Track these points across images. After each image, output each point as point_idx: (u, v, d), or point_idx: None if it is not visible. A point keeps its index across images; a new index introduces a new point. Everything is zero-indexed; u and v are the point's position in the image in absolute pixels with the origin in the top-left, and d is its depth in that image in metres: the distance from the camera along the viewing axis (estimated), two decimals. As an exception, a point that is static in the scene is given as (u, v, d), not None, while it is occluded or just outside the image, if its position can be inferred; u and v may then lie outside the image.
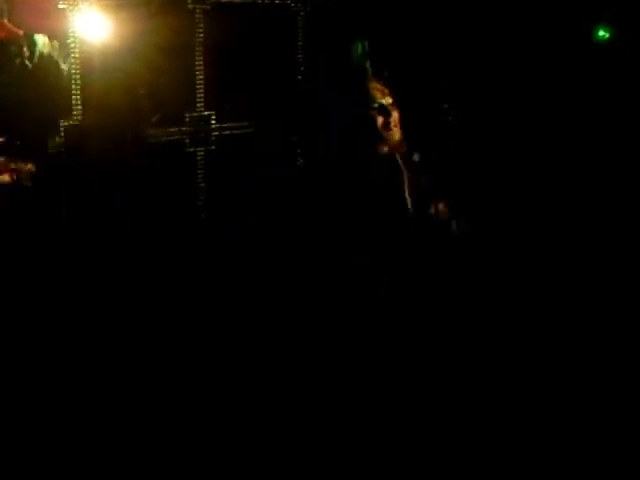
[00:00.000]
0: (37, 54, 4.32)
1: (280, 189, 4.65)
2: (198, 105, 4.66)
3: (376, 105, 4.32)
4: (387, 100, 4.29)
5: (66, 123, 4.26)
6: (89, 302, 4.05)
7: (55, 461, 3.28)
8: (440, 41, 4.55)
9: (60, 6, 4.23)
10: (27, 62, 4.40)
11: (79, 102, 4.29)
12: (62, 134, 4.30)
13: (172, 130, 4.61)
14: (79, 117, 4.29)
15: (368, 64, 4.55)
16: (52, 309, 3.97)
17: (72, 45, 4.28)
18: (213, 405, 3.58)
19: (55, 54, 4.36)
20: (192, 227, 4.56)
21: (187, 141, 4.65)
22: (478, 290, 4.20)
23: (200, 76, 4.61)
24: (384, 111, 4.29)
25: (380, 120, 4.34)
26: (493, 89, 4.63)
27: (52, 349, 3.81)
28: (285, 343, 3.86)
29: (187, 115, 4.64)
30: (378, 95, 4.32)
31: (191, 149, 4.67)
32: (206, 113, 4.68)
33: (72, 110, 4.29)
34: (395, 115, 4.30)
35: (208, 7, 4.54)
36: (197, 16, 4.53)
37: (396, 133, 4.34)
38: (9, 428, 3.41)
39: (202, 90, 4.63)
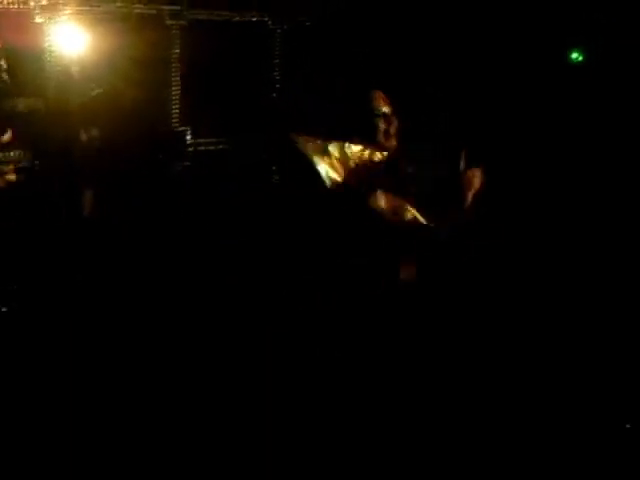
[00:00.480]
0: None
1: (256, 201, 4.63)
2: (174, 120, 4.64)
3: (379, 113, 4.30)
4: (387, 109, 4.27)
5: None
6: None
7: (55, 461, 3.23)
8: (425, 56, 4.60)
9: (37, 20, 4.25)
10: (3, 75, 4.40)
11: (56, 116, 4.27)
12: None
13: (147, 145, 4.59)
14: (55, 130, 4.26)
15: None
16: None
17: (48, 59, 4.28)
18: (211, 411, 3.53)
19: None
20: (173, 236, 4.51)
21: (161, 156, 4.63)
22: (477, 291, 4.18)
23: (176, 91, 4.62)
24: (386, 119, 4.26)
25: (382, 127, 4.30)
26: (481, 103, 4.67)
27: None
28: (282, 348, 3.82)
29: (162, 130, 4.62)
30: (380, 104, 4.30)
31: (166, 164, 4.65)
32: (181, 129, 4.66)
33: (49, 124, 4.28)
34: (395, 124, 4.28)
35: (185, 24, 4.56)
36: (174, 32, 4.55)
37: (393, 141, 4.31)
38: (9, 428, 3.35)
39: (177, 105, 4.62)
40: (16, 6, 4.21)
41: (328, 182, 4.13)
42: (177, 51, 4.59)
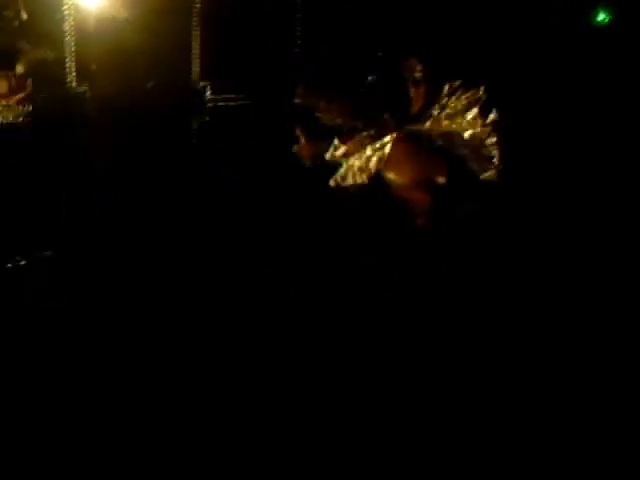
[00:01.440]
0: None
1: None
2: (193, 75, 4.58)
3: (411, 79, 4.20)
4: (419, 75, 4.17)
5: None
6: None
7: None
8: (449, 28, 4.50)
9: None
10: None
11: (73, 69, 4.21)
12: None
13: (167, 100, 4.54)
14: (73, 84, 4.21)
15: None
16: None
17: (66, 9, 4.19)
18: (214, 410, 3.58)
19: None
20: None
21: (180, 112, 4.59)
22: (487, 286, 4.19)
23: (196, 46, 4.55)
24: (416, 85, 4.16)
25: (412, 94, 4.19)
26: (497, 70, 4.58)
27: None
28: (288, 347, 3.82)
29: (181, 85, 4.57)
30: (415, 70, 4.19)
31: (185, 119, 4.61)
32: (201, 84, 4.61)
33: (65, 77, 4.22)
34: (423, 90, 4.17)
35: (207, -24, 4.46)
36: (195, -16, 4.46)
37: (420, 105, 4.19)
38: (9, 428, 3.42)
39: (198, 60, 4.56)
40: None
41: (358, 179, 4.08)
42: (198, 4, 4.49)
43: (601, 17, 4.92)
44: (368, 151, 4.10)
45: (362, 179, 4.08)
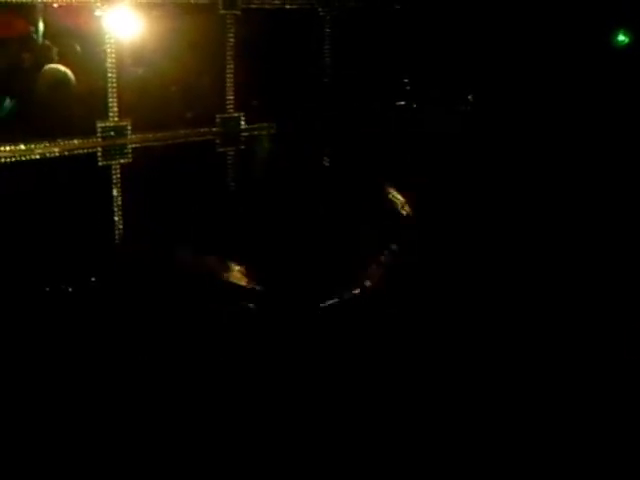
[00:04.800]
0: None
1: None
2: (228, 106, 4.80)
3: None
4: None
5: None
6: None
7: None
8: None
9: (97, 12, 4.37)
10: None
11: (115, 102, 4.41)
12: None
13: (203, 130, 4.75)
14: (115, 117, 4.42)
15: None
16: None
17: (107, 46, 4.40)
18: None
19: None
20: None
21: (217, 141, 4.80)
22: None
23: (230, 77, 4.77)
24: None
25: None
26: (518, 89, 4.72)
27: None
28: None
29: (218, 116, 4.78)
30: None
31: (221, 149, 4.82)
32: (236, 114, 4.83)
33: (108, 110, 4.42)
34: None
35: (238, 12, 4.69)
36: (228, 21, 4.69)
37: None
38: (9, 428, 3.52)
39: (232, 91, 4.77)
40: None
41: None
42: (231, 39, 4.71)
43: (621, 38, 5.05)
44: None
45: None
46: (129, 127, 4.47)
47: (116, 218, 4.43)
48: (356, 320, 3.98)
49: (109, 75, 4.33)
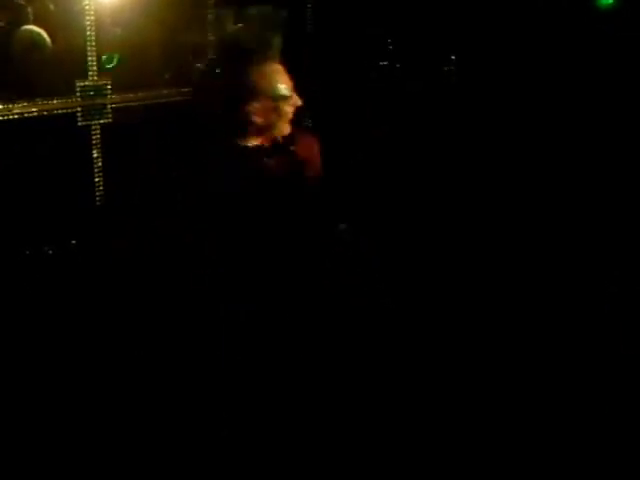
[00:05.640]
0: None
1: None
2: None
3: None
4: None
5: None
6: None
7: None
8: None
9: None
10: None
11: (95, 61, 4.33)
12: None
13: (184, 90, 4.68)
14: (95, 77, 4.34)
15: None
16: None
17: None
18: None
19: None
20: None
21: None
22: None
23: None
24: None
25: None
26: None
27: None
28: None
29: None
30: None
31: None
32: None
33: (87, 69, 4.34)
34: None
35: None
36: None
37: None
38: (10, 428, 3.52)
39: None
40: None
41: None
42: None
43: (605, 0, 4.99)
44: None
45: None
46: (109, 86, 4.39)
47: (96, 179, 4.40)
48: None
49: (88, 34, 4.25)
